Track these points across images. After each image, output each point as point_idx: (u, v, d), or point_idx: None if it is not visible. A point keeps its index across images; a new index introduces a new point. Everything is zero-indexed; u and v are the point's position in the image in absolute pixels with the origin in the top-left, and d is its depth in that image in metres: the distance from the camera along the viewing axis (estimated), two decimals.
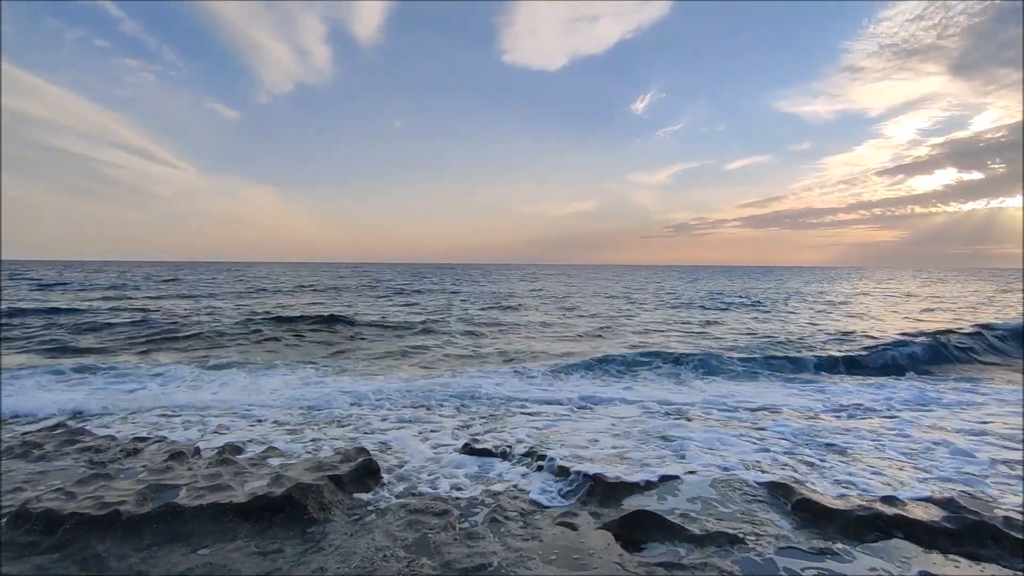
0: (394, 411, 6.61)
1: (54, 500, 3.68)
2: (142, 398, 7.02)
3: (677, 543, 3.38)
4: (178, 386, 7.84)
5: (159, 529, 3.40)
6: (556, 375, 9.10)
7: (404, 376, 8.91)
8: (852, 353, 10.88)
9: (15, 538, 3.27)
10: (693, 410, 6.79)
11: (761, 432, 5.81)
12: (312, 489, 3.85)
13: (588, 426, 6.06)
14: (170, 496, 3.82)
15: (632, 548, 3.33)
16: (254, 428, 5.88)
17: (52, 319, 14.92)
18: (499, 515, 3.75)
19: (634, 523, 3.58)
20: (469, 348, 12.15)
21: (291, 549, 3.24)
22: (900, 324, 16.29)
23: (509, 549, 3.27)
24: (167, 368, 8.98)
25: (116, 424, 5.94)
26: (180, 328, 13.66)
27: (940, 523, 3.55)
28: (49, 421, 5.98)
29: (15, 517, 3.44)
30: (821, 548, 3.33)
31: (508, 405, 7.05)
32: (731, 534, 3.45)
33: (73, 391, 7.37)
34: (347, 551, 3.22)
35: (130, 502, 3.66)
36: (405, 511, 3.78)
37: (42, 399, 6.67)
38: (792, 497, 3.98)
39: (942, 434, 5.71)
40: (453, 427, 6.01)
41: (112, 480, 4.16)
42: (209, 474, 4.28)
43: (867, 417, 6.55)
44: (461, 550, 3.24)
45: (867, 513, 3.67)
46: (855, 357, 10.55)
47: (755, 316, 19.33)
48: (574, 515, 3.78)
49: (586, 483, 4.24)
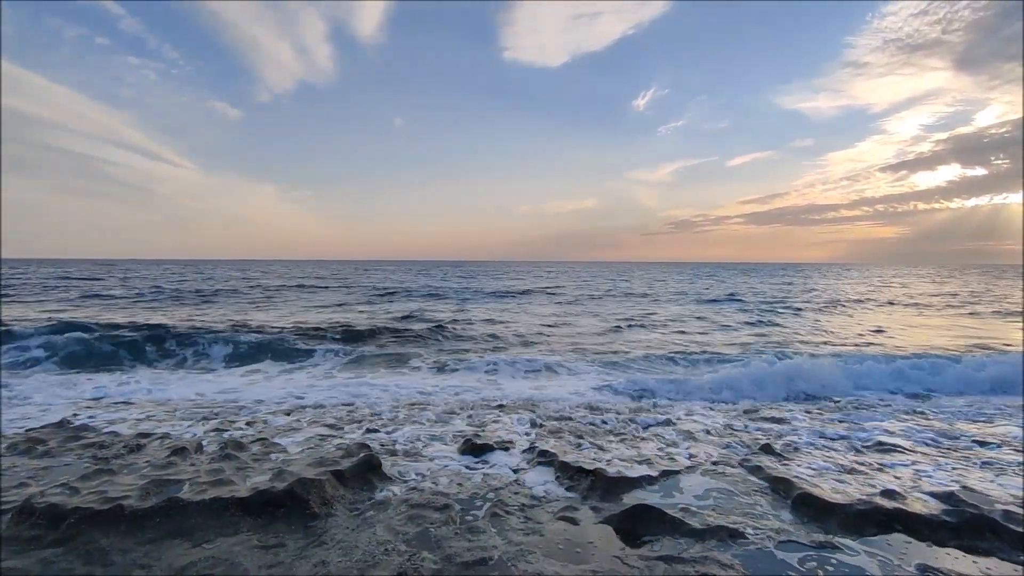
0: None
1: (58, 495, 3.70)
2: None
3: (677, 537, 3.39)
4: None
5: (162, 523, 3.43)
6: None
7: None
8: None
9: (20, 533, 3.29)
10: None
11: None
12: (314, 484, 3.88)
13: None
14: (173, 491, 3.85)
15: (632, 542, 3.35)
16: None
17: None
18: (500, 509, 3.76)
19: (634, 517, 3.60)
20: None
21: (293, 543, 3.26)
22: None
23: (510, 543, 3.29)
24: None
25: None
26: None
27: (939, 517, 3.56)
28: (54, 418, 6.01)
29: (19, 512, 3.46)
30: (821, 542, 3.34)
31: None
32: (731, 528, 3.47)
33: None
34: (348, 545, 3.24)
35: (133, 497, 3.68)
36: (406, 506, 3.80)
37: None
38: (792, 492, 3.99)
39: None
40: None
41: (115, 475, 4.18)
42: (212, 469, 4.31)
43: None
44: (462, 544, 3.26)
45: (867, 507, 3.68)
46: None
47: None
48: (575, 509, 3.80)
49: (587, 478, 4.25)
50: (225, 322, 14.25)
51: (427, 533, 3.40)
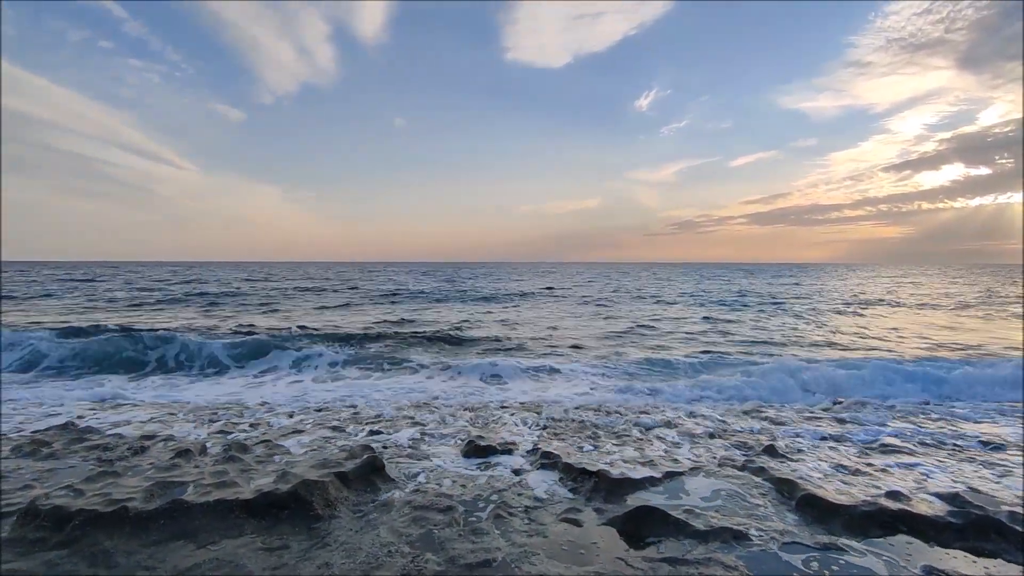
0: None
1: (63, 497, 3.71)
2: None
3: (681, 538, 3.38)
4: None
5: (166, 525, 3.43)
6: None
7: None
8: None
9: (25, 535, 3.30)
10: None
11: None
12: (317, 486, 3.88)
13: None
14: (177, 493, 3.86)
15: (636, 544, 3.34)
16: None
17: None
18: (503, 511, 3.76)
19: (638, 519, 3.59)
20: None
21: (297, 545, 3.27)
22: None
23: (513, 545, 3.29)
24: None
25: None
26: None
27: (945, 518, 3.55)
28: (59, 420, 6.03)
29: (24, 514, 3.47)
30: (825, 543, 3.33)
31: None
32: (735, 529, 3.46)
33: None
34: (352, 547, 3.25)
35: (138, 499, 3.69)
36: (410, 507, 3.80)
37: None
38: (796, 493, 3.98)
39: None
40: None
41: (120, 477, 4.19)
42: (215, 471, 4.32)
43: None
44: (466, 546, 3.26)
45: (872, 508, 3.67)
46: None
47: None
48: (578, 511, 3.79)
49: (590, 479, 4.25)
50: (229, 324, 14.29)
51: (431, 535, 3.40)
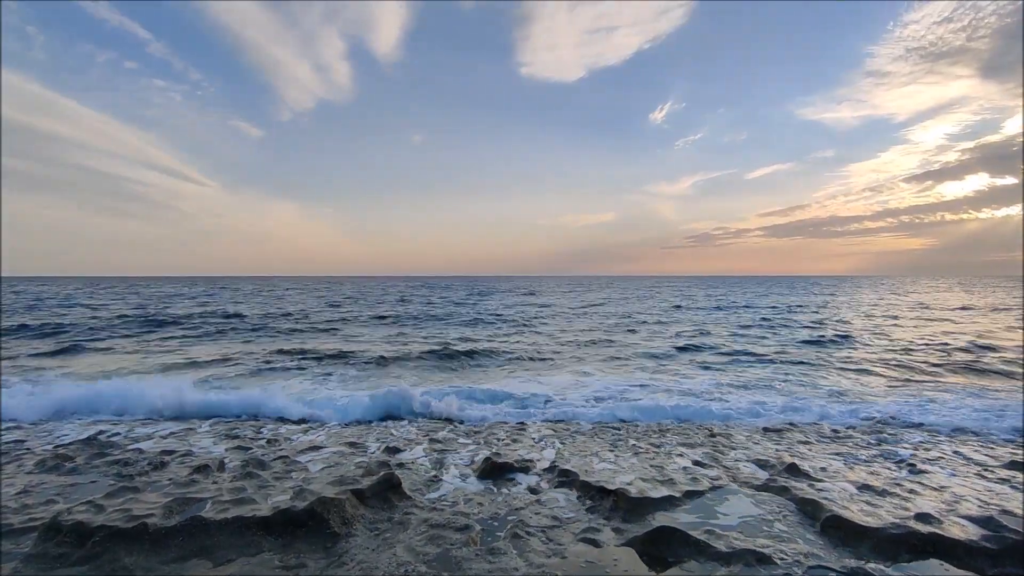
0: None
1: (84, 512, 3.75)
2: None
3: (703, 560, 3.30)
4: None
5: (185, 542, 3.44)
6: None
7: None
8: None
9: (47, 550, 3.33)
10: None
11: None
12: (334, 503, 3.87)
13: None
14: (196, 509, 3.88)
15: (656, 565, 3.27)
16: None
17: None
18: (521, 530, 3.71)
19: (658, 539, 3.52)
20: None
21: (313, 563, 3.25)
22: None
23: (531, 565, 3.24)
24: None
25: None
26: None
27: (978, 542, 3.42)
28: (82, 434, 6.12)
29: (47, 529, 3.51)
30: (853, 568, 3.22)
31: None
32: (759, 552, 3.37)
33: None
34: (369, 566, 3.22)
35: (157, 515, 3.71)
36: (427, 526, 3.77)
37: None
38: (821, 514, 3.87)
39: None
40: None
41: (140, 493, 4.23)
42: (233, 487, 4.33)
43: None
44: (483, 566, 3.22)
45: (901, 531, 3.55)
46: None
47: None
48: (597, 531, 3.73)
49: (609, 498, 4.18)
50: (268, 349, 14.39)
51: (448, 554, 3.36)
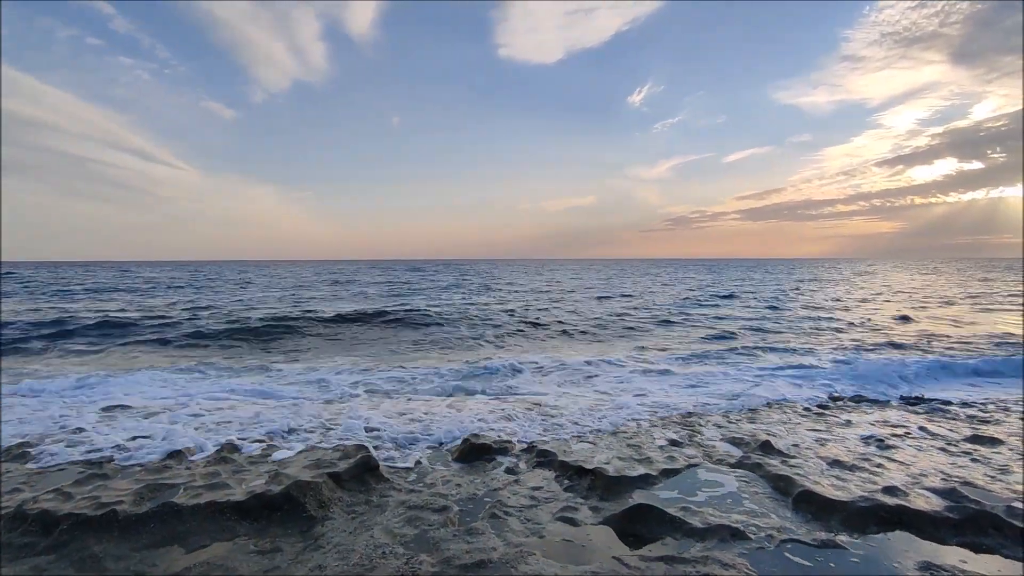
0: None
1: (51, 501, 3.65)
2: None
3: (678, 536, 3.36)
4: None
5: (156, 529, 3.38)
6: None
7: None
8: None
9: (12, 539, 3.24)
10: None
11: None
12: (310, 487, 3.83)
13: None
14: (168, 496, 3.80)
15: (633, 542, 3.32)
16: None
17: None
18: (499, 510, 3.72)
19: (635, 517, 3.56)
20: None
21: (289, 547, 3.22)
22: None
23: (509, 544, 3.25)
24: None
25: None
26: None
27: (942, 513, 3.54)
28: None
29: (12, 518, 3.42)
30: (824, 540, 3.31)
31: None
32: (733, 527, 3.43)
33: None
34: (346, 548, 3.20)
35: (127, 502, 3.64)
36: (404, 507, 3.76)
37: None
38: (793, 489, 3.96)
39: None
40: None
41: (109, 480, 4.14)
42: (207, 473, 4.26)
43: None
44: (461, 546, 3.22)
45: (869, 504, 3.66)
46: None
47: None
48: (574, 510, 3.76)
49: (586, 477, 4.22)
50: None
51: (425, 535, 3.36)
